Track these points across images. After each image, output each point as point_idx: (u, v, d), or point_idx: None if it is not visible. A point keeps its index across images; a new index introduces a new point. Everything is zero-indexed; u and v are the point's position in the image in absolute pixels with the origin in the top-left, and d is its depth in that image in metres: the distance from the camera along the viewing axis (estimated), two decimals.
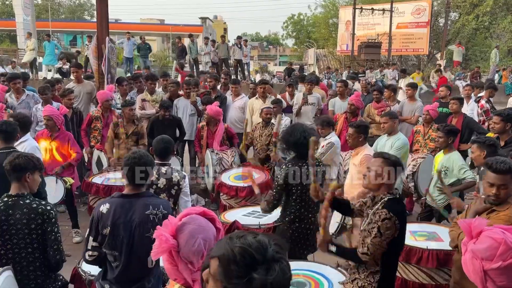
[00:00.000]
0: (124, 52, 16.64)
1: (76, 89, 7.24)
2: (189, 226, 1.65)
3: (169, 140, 3.86)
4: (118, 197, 2.74)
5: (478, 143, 3.86)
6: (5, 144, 4.11)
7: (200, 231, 1.63)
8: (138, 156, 2.76)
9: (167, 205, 2.82)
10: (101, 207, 2.70)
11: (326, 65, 27.77)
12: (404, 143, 5.23)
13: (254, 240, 1.26)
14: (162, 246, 1.63)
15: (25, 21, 23.95)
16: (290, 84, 8.27)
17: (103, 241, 2.68)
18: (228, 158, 6.17)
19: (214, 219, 1.72)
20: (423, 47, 25.41)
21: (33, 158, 2.96)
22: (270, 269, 1.22)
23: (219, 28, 48.00)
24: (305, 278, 3.14)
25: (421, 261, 3.41)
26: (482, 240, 1.85)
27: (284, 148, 3.78)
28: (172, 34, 31.35)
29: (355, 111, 6.71)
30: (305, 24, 48.58)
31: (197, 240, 1.61)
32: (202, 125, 6.57)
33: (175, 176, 3.65)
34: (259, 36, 71.45)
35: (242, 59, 15.94)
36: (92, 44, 8.13)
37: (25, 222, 2.79)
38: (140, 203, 2.71)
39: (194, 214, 1.71)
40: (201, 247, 1.60)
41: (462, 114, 6.64)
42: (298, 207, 3.66)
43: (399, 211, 2.72)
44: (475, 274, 1.87)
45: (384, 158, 2.84)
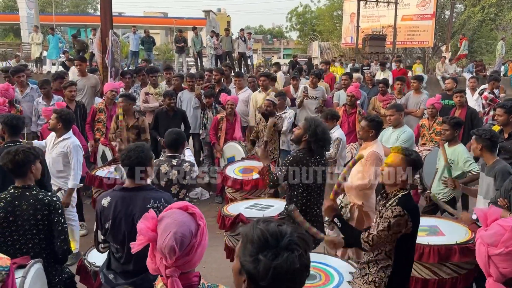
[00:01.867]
0: (130, 45, 16.61)
1: (80, 82, 7.24)
2: (165, 220, 1.63)
3: (179, 132, 3.87)
4: (119, 190, 2.74)
5: (476, 135, 3.89)
6: (11, 137, 4.14)
7: (174, 226, 1.59)
8: (135, 148, 2.74)
9: (169, 199, 2.81)
10: (102, 201, 2.71)
11: (330, 57, 27.55)
12: (409, 136, 5.21)
13: (276, 227, 1.33)
14: (140, 238, 1.62)
15: (28, 15, 23.96)
16: (294, 77, 8.23)
17: (106, 234, 2.70)
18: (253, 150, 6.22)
19: (195, 214, 1.66)
20: (428, 40, 25.14)
21: (31, 149, 2.98)
22: (278, 255, 1.27)
23: (223, 21, 47.85)
24: (315, 271, 3.14)
25: (423, 257, 3.40)
26: (491, 227, 1.91)
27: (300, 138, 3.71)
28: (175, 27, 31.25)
29: (354, 102, 6.67)
30: (309, 17, 48.26)
31: (169, 235, 1.57)
32: (221, 116, 6.57)
33: (185, 166, 3.65)
34: (262, 29, 71.10)
35: (245, 52, 15.88)
36: (96, 38, 8.11)
37: (31, 213, 2.81)
38: (141, 197, 2.70)
39: (175, 208, 1.68)
40: (172, 242, 1.56)
41: (466, 106, 6.61)
42: (304, 201, 3.65)
43: (412, 207, 2.73)
44: (480, 258, 1.94)
45: (405, 155, 2.80)
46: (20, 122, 4.27)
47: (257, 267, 1.28)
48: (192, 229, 1.62)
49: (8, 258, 2.19)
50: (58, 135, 4.66)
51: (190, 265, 1.63)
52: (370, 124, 4.36)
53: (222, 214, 4.05)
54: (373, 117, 4.53)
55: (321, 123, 3.75)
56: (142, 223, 1.64)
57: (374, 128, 4.38)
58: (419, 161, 2.83)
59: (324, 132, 3.64)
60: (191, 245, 1.60)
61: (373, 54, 20.10)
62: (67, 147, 4.62)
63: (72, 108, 6.43)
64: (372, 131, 4.37)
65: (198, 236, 1.63)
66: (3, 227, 2.78)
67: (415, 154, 2.84)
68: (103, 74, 7.52)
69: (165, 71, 8.19)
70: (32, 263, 2.62)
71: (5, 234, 2.80)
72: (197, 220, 1.66)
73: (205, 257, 4.62)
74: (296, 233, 1.33)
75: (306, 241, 1.34)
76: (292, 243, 1.30)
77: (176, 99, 6.69)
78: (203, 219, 1.68)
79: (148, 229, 1.61)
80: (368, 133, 4.37)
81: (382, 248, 2.74)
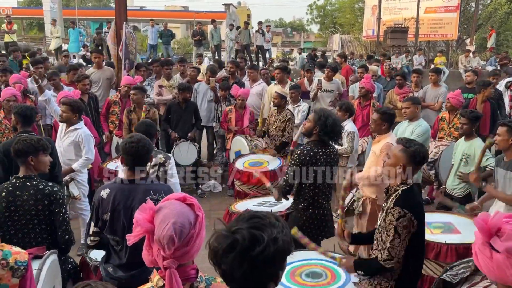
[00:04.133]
0: (149, 39, 16.72)
1: (95, 75, 7.32)
2: (164, 210, 1.60)
3: (150, 123, 3.93)
4: (119, 183, 2.73)
5: (509, 127, 3.64)
6: (23, 128, 4.16)
7: (172, 216, 1.57)
8: (135, 140, 2.71)
9: (168, 190, 2.79)
10: (101, 192, 2.69)
11: (350, 51, 27.19)
12: (425, 130, 5.04)
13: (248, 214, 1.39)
14: (137, 230, 1.60)
15: (52, 9, 24.42)
16: (308, 69, 8.11)
17: (104, 226, 2.68)
18: (262, 145, 6.18)
19: (194, 205, 1.64)
20: (452, 32, 24.52)
21: (33, 141, 2.96)
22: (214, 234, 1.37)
23: (243, 14, 47.73)
24: (322, 269, 3.06)
25: (440, 256, 3.31)
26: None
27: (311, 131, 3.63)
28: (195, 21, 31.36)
29: (367, 94, 6.52)
30: (330, 9, 47.70)
31: (168, 225, 1.55)
32: (230, 108, 6.58)
33: (159, 158, 3.68)
34: (283, 22, 70.69)
35: (263, 45, 15.79)
36: (111, 30, 8.17)
37: (32, 203, 2.83)
38: (141, 189, 2.69)
39: (173, 199, 1.66)
40: (171, 232, 1.54)
41: (488, 100, 6.41)
42: (311, 194, 3.59)
43: (413, 204, 2.57)
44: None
45: (405, 146, 2.64)
46: (33, 113, 4.29)
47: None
48: (191, 220, 1.60)
49: (26, 252, 2.19)
50: (69, 125, 4.69)
51: (188, 256, 1.60)
52: (382, 117, 4.25)
53: (229, 212, 4.01)
54: (385, 110, 4.41)
55: (331, 114, 3.64)
56: (139, 213, 1.61)
57: (386, 120, 4.26)
58: (418, 150, 2.62)
59: (335, 124, 3.54)
60: (189, 235, 1.58)
61: (394, 46, 19.72)
62: (78, 136, 4.65)
63: (85, 100, 6.49)
64: (384, 124, 4.25)
65: (197, 227, 1.61)
66: (5, 216, 2.81)
67: (416, 147, 2.63)
68: (118, 67, 7.56)
69: (179, 64, 8.20)
70: (48, 255, 2.64)
71: (7, 224, 2.82)
72: (196, 211, 1.63)
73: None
74: (254, 229, 1.32)
75: (256, 239, 1.30)
76: (237, 230, 1.32)
77: (191, 94, 6.65)
78: (201, 210, 1.66)
79: (145, 220, 1.59)
80: (381, 126, 4.26)
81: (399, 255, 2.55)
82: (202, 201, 6.47)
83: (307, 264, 3.05)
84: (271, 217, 1.40)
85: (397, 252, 2.50)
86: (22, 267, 2.10)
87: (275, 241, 1.32)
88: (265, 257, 1.30)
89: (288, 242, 1.37)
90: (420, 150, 2.62)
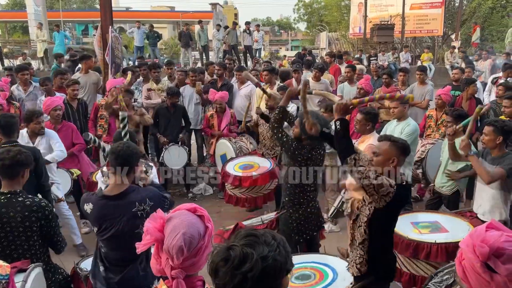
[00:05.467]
0: (135, 41, 16.60)
1: (82, 79, 7.25)
2: (174, 220, 1.62)
3: (130, 133, 3.87)
4: (101, 198, 2.67)
5: (496, 127, 3.66)
6: (7, 138, 4.05)
7: (183, 227, 1.58)
8: (119, 150, 2.67)
9: (153, 195, 2.74)
10: (85, 206, 2.66)
11: (338, 48, 27.29)
12: (414, 129, 5.08)
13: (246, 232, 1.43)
14: (147, 238, 1.62)
15: (36, 11, 24.03)
16: (296, 70, 8.12)
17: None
18: (247, 145, 6.17)
19: (204, 216, 1.66)
20: (437, 28, 24.73)
21: (28, 153, 2.93)
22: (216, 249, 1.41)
23: (230, 13, 47.66)
24: (311, 270, 3.15)
25: (430, 256, 3.33)
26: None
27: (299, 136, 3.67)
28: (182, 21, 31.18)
29: (364, 95, 6.57)
30: (317, 7, 47.85)
31: (178, 235, 1.57)
32: (211, 114, 6.56)
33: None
34: (270, 21, 70.66)
35: (251, 45, 15.77)
36: (96, 34, 8.09)
37: (19, 220, 2.77)
38: (125, 203, 2.64)
39: (184, 209, 1.67)
40: (181, 243, 1.55)
41: (474, 97, 6.49)
42: (297, 191, 3.66)
43: (401, 196, 2.66)
44: None
45: (391, 141, 2.74)
46: (14, 121, 4.12)
47: None
48: (201, 231, 1.62)
49: (8, 265, 2.17)
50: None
51: (196, 267, 1.63)
52: (367, 117, 4.35)
53: (223, 231, 4.00)
54: (369, 110, 4.49)
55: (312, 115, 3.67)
56: (149, 222, 1.63)
57: (370, 120, 4.36)
58: (406, 145, 2.75)
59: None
60: (198, 246, 1.60)
61: (381, 44, 19.85)
62: (48, 138, 4.79)
63: (74, 106, 6.45)
64: (369, 124, 4.36)
65: (206, 238, 1.63)
66: None
67: (401, 139, 2.79)
68: (104, 71, 7.50)
69: (166, 66, 8.16)
70: (32, 267, 2.60)
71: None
72: (205, 222, 1.66)
73: None
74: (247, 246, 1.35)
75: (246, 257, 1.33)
76: (232, 246, 1.36)
77: (178, 99, 6.63)
78: (210, 222, 1.68)
79: (155, 229, 1.61)
80: (365, 126, 4.37)
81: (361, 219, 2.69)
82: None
83: (297, 267, 3.11)
84: (268, 235, 1.41)
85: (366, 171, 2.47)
86: (4, 281, 2.09)
87: (265, 259, 1.34)
88: (254, 275, 1.32)
89: (281, 261, 1.38)
90: (406, 142, 2.80)
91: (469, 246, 1.59)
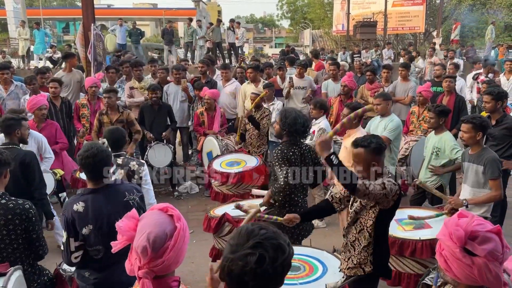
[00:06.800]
0: (117, 38, 16.40)
1: (65, 78, 7.17)
2: (143, 220, 1.62)
3: (121, 131, 3.83)
4: (89, 193, 2.65)
5: (474, 124, 3.71)
6: (6, 139, 4.00)
7: (149, 226, 1.58)
8: (91, 155, 2.60)
9: (137, 188, 2.81)
10: (74, 207, 2.60)
11: (322, 46, 27.46)
12: (397, 125, 5.16)
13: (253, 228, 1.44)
14: (120, 238, 1.62)
15: (15, 9, 23.58)
16: (280, 67, 8.14)
17: (84, 239, 2.61)
18: (233, 144, 6.15)
19: (174, 216, 1.65)
20: (419, 25, 25.05)
21: (7, 152, 2.88)
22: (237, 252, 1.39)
23: (213, 10, 47.46)
24: (300, 262, 3.17)
25: (416, 253, 3.36)
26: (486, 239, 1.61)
27: (280, 132, 3.71)
28: (164, 18, 30.91)
29: (348, 92, 6.65)
30: (300, 5, 47.96)
31: (143, 235, 1.56)
32: (201, 111, 6.53)
33: (132, 165, 3.62)
34: (254, 18, 70.60)
35: (235, 43, 15.73)
36: (78, 32, 7.98)
37: (2, 223, 2.72)
38: (114, 193, 2.66)
39: (157, 209, 1.66)
40: (144, 243, 1.55)
41: (454, 93, 6.59)
42: (288, 193, 3.61)
43: (400, 189, 2.78)
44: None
45: (365, 147, 2.79)
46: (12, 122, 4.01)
47: (222, 263, 1.41)
48: (167, 231, 1.59)
49: None
50: None
51: (165, 268, 1.59)
52: (352, 112, 4.36)
53: (208, 217, 3.99)
54: (354, 105, 4.54)
55: (292, 112, 3.68)
56: (123, 222, 1.63)
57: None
58: (379, 146, 2.81)
59: (294, 122, 3.59)
60: (164, 247, 1.57)
61: (364, 41, 20.00)
62: (36, 139, 4.73)
63: (57, 104, 6.37)
64: (355, 119, 4.38)
65: (173, 239, 1.59)
66: None
67: (373, 140, 2.82)
68: (87, 69, 7.41)
69: (150, 64, 8.08)
70: (12, 271, 2.55)
71: None
72: (175, 222, 1.62)
73: (193, 252, 4.50)
74: (271, 239, 1.37)
75: (278, 248, 1.36)
76: (258, 245, 1.35)
77: (160, 93, 6.58)
78: (181, 221, 1.64)
79: (128, 228, 1.61)
80: (352, 121, 4.38)
81: (363, 222, 2.77)
82: (180, 203, 6.43)
83: None
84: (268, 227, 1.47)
85: (372, 193, 2.62)
86: None
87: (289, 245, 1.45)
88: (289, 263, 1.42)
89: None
90: (378, 141, 2.84)
91: (445, 235, 1.65)
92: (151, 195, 3.67)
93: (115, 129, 3.82)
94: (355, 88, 6.92)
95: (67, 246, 2.60)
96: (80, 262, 2.69)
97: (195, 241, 5.00)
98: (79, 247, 2.62)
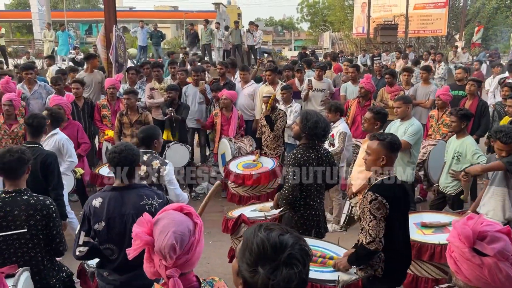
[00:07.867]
0: (138, 40, 16.63)
1: (87, 78, 7.30)
2: (162, 221, 1.64)
3: (154, 129, 3.89)
4: (110, 190, 2.70)
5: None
6: (32, 138, 4.06)
7: (172, 225, 1.60)
8: (119, 150, 2.69)
9: (161, 195, 2.80)
10: (93, 201, 2.66)
11: (341, 48, 27.30)
12: (417, 129, 5.07)
13: (277, 238, 1.29)
14: (136, 243, 1.62)
15: (40, 11, 24.14)
16: (299, 69, 8.11)
17: (96, 235, 2.66)
18: (246, 147, 6.16)
19: (191, 213, 1.68)
20: (441, 28, 24.70)
21: (26, 149, 2.95)
22: (277, 270, 1.23)
23: (233, 13, 47.57)
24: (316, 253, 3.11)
25: (434, 257, 3.30)
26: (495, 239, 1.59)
27: (299, 134, 3.67)
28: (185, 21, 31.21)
29: (367, 94, 6.57)
30: (320, 7, 47.79)
31: (168, 234, 1.58)
32: (216, 112, 6.56)
33: (155, 163, 3.64)
34: (273, 21, 70.58)
35: (254, 45, 15.76)
36: (100, 33, 8.12)
37: (24, 219, 2.76)
38: (133, 195, 2.68)
39: (171, 210, 1.69)
40: (172, 241, 1.57)
41: (477, 97, 6.46)
42: (302, 195, 3.59)
43: (386, 190, 2.73)
44: None
45: (379, 140, 2.84)
46: (44, 123, 4.14)
47: (254, 278, 1.26)
48: (190, 228, 1.64)
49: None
50: (46, 132, 4.66)
51: (189, 264, 1.63)
52: (376, 116, 4.34)
53: (226, 218, 4.00)
54: (379, 109, 4.48)
55: (313, 115, 3.64)
56: (137, 227, 1.64)
57: (379, 120, 4.35)
58: (394, 141, 2.85)
59: (316, 126, 3.54)
60: (190, 243, 1.61)
61: (384, 44, 19.82)
62: (57, 142, 4.72)
63: (80, 105, 6.51)
64: (377, 123, 4.35)
65: (196, 234, 1.64)
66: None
67: (390, 137, 2.86)
68: (108, 70, 7.53)
69: (170, 66, 8.17)
70: (21, 272, 2.59)
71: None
72: (194, 219, 1.67)
73: (209, 253, 4.48)
74: (298, 245, 1.30)
75: (307, 252, 1.32)
76: (292, 257, 1.26)
77: (175, 93, 6.54)
78: (199, 218, 1.69)
79: (144, 233, 1.62)
80: (374, 125, 4.35)
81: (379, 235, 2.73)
82: (197, 203, 6.46)
83: None
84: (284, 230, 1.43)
85: (377, 233, 2.67)
86: None
87: None
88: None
89: None
90: (394, 139, 2.88)
91: (454, 236, 1.64)
92: (178, 194, 3.70)
93: (149, 127, 3.95)
94: (373, 91, 6.83)
95: (77, 237, 2.69)
96: (98, 261, 2.74)
97: (211, 242, 5.01)
98: (86, 243, 2.67)
